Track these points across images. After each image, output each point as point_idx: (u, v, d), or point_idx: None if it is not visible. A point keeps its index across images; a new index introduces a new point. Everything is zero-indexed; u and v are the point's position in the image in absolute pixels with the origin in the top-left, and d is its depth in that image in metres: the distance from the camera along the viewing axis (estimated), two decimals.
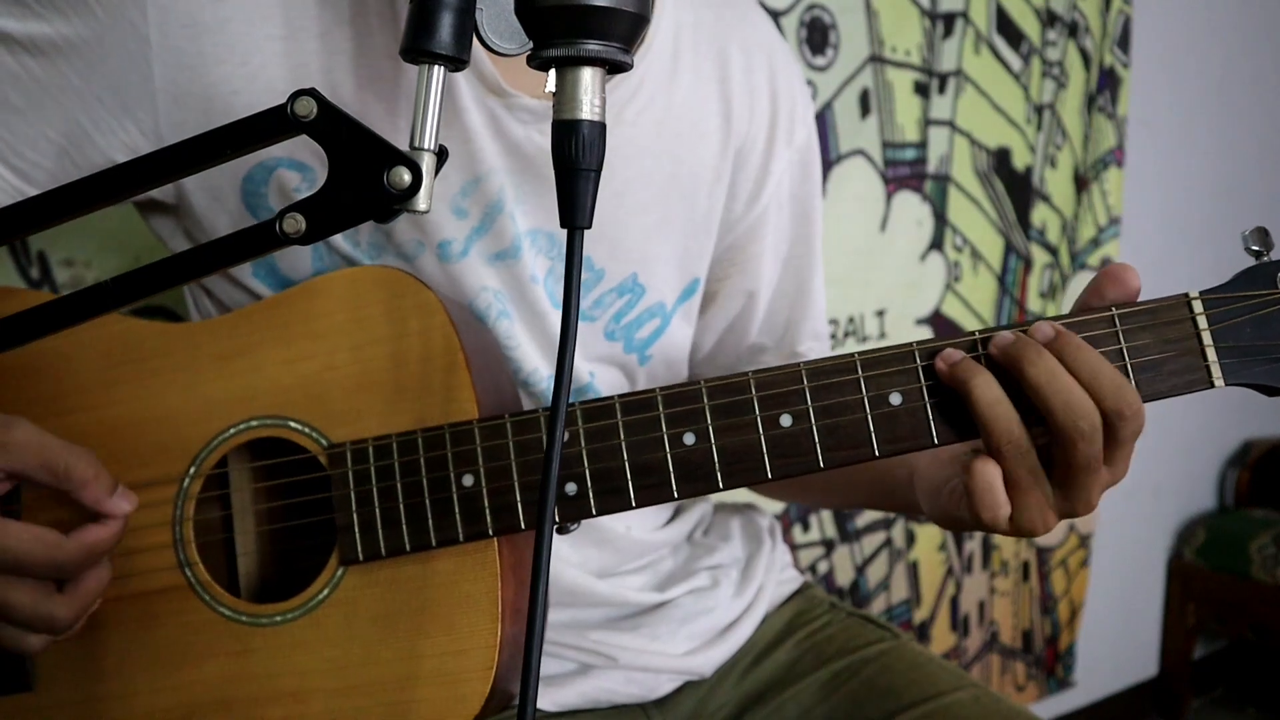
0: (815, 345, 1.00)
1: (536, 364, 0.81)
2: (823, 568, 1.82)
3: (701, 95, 0.85)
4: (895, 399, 0.65)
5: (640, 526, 0.91)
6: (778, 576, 0.99)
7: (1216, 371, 0.63)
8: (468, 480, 0.68)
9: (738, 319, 0.96)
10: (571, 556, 0.86)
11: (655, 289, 0.86)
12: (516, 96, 0.75)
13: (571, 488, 0.67)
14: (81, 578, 0.64)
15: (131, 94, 0.70)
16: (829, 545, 1.82)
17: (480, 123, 0.75)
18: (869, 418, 0.65)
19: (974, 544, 2.06)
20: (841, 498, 1.03)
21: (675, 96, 0.83)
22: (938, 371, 0.64)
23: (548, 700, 0.84)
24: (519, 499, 0.67)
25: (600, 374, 0.87)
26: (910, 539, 1.95)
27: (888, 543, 1.91)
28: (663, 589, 0.91)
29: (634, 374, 0.89)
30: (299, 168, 0.74)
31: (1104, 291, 0.65)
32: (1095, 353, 0.62)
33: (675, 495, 0.66)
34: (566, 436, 0.67)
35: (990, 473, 0.63)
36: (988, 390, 0.62)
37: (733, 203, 0.90)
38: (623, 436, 0.66)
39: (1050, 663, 2.26)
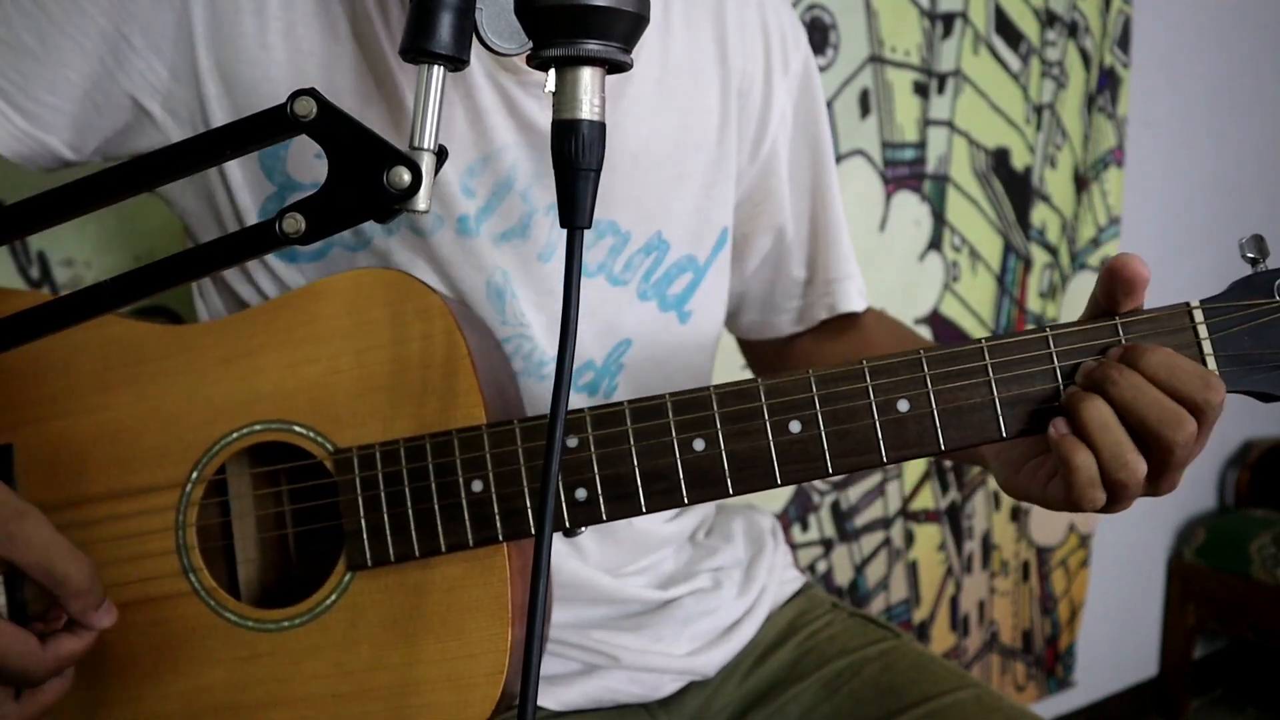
0: (851, 271, 0.99)
1: (547, 346, 0.81)
2: (821, 567, 1.82)
3: (697, 43, 0.85)
4: (903, 405, 0.65)
5: (645, 519, 0.91)
6: (780, 577, 0.99)
7: None
8: (477, 486, 0.67)
9: (770, 255, 0.97)
10: (575, 551, 0.86)
11: (680, 243, 0.86)
12: (529, 73, 0.75)
13: (581, 493, 0.67)
14: (42, 688, 0.63)
15: (164, 34, 0.70)
16: (828, 545, 1.82)
17: (492, 100, 0.75)
18: (877, 424, 0.65)
19: (974, 544, 2.06)
20: None
21: (672, 49, 0.84)
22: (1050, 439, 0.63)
23: (551, 699, 0.84)
24: (529, 504, 0.67)
25: (640, 339, 0.86)
26: (909, 539, 1.95)
27: (886, 542, 1.91)
28: (664, 589, 0.91)
29: (678, 334, 0.88)
30: None
31: (1112, 287, 0.64)
32: (1167, 350, 0.61)
33: (685, 501, 0.66)
34: (576, 442, 0.67)
35: (1082, 457, 0.62)
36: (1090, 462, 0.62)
37: (742, 143, 0.90)
38: (633, 442, 0.66)
39: (1050, 663, 2.26)
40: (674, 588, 0.91)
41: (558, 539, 0.82)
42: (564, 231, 0.78)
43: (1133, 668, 2.49)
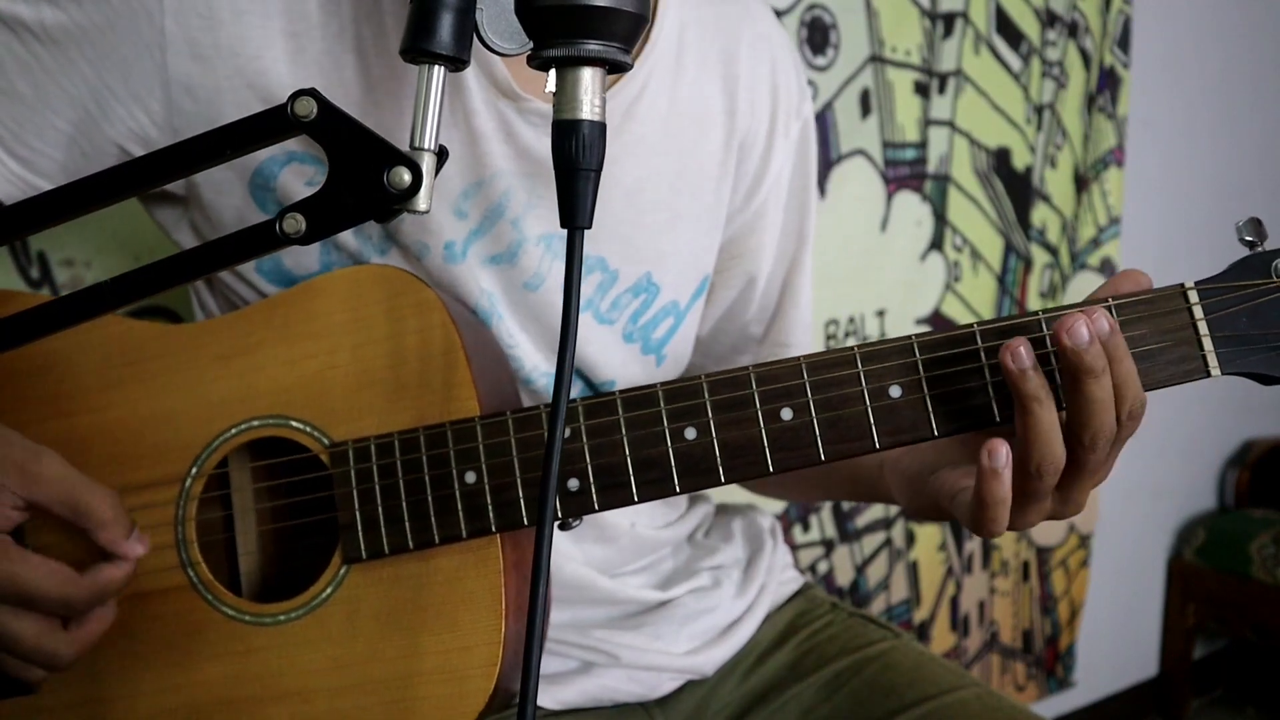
0: (805, 339, 1.00)
1: (536, 362, 0.81)
2: (823, 568, 1.82)
3: (706, 91, 0.85)
4: (895, 391, 0.64)
5: (645, 524, 0.91)
6: (779, 577, 0.99)
7: (1213, 361, 0.63)
8: (470, 477, 0.68)
9: (735, 304, 0.97)
10: (575, 553, 0.86)
11: (669, 287, 0.86)
12: (528, 100, 0.75)
13: (574, 483, 0.67)
14: (87, 617, 0.64)
15: (143, 82, 0.70)
16: (829, 545, 1.82)
17: (490, 126, 0.75)
18: (869, 410, 0.64)
19: (974, 544, 2.06)
20: (810, 491, 1.05)
21: (680, 93, 0.83)
22: (1003, 364, 0.60)
23: (549, 698, 0.84)
24: (521, 495, 0.67)
25: (622, 381, 0.86)
26: (910, 539, 1.95)
27: (888, 543, 1.91)
28: (664, 588, 0.91)
29: (650, 376, 0.88)
30: (312, 161, 0.74)
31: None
32: (1131, 363, 0.61)
33: (677, 489, 0.66)
34: (569, 433, 0.67)
35: (1001, 492, 0.61)
36: (1047, 416, 0.60)
37: (735, 195, 0.90)
38: (624, 432, 0.66)
39: (1050, 663, 2.26)
40: (673, 587, 0.91)
41: (557, 536, 0.82)
42: (555, 262, 0.80)
43: (1133, 668, 2.49)
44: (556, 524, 0.68)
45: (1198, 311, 0.63)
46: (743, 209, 0.91)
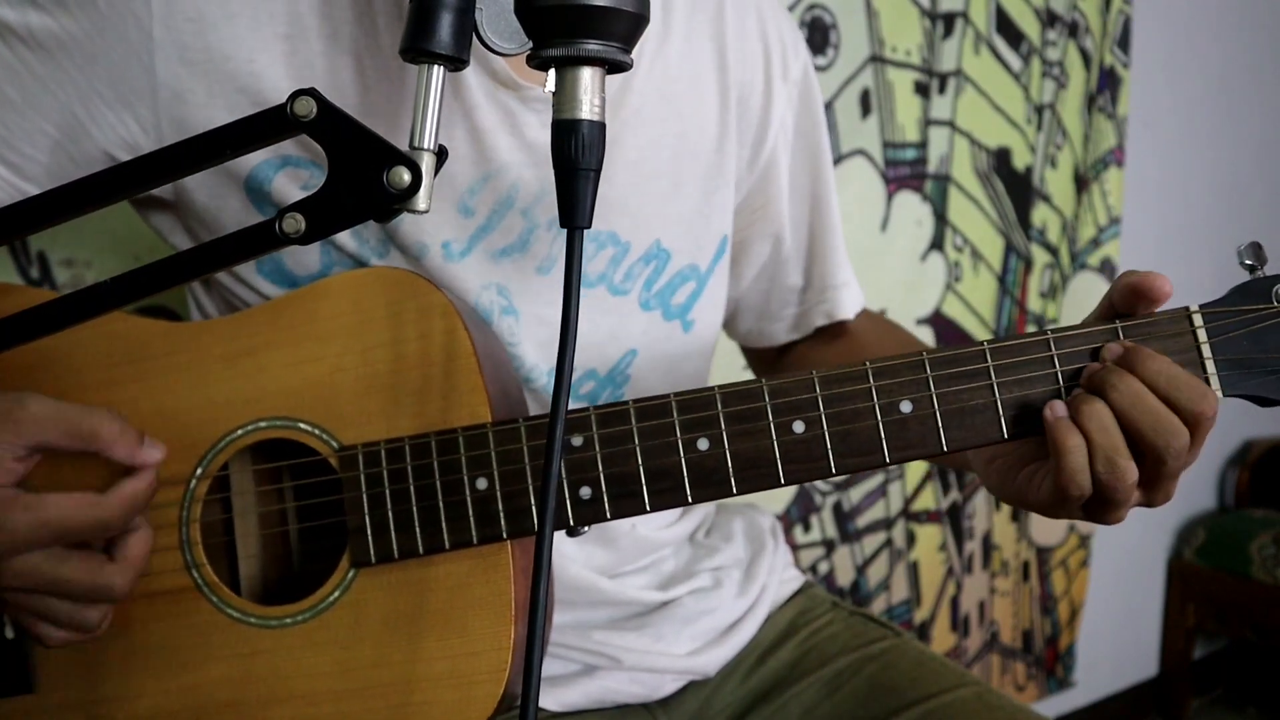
0: (848, 278, 1.00)
1: (536, 360, 0.81)
2: (823, 568, 1.82)
3: (696, 52, 0.86)
4: (906, 406, 0.65)
5: (646, 524, 0.91)
6: (780, 576, 0.99)
7: (1215, 383, 0.65)
8: (481, 483, 0.67)
9: (768, 263, 0.98)
10: (576, 555, 0.86)
11: (682, 252, 0.86)
12: (530, 88, 0.75)
13: (586, 491, 0.67)
14: (127, 541, 0.64)
15: (132, 88, 0.70)
16: (829, 545, 1.82)
17: (494, 119, 0.75)
18: (880, 425, 0.65)
19: (974, 544, 2.06)
20: None
21: (671, 59, 0.84)
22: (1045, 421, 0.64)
23: (552, 700, 0.84)
24: (533, 503, 0.67)
25: (645, 350, 0.86)
26: (910, 539, 1.95)
27: (888, 543, 1.91)
28: (665, 589, 0.91)
29: (682, 343, 0.88)
30: (307, 165, 0.74)
31: (1132, 300, 0.65)
32: (1166, 360, 0.62)
33: (689, 500, 0.67)
34: (581, 441, 0.67)
35: (1074, 440, 0.63)
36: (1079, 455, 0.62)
37: (741, 150, 0.90)
38: (637, 441, 0.67)
39: (1050, 663, 2.26)
40: (674, 588, 0.91)
41: (560, 539, 0.82)
42: (564, 244, 0.79)
43: (1133, 668, 2.49)
44: (565, 530, 0.68)
45: (1201, 335, 0.65)
46: (753, 162, 0.91)
